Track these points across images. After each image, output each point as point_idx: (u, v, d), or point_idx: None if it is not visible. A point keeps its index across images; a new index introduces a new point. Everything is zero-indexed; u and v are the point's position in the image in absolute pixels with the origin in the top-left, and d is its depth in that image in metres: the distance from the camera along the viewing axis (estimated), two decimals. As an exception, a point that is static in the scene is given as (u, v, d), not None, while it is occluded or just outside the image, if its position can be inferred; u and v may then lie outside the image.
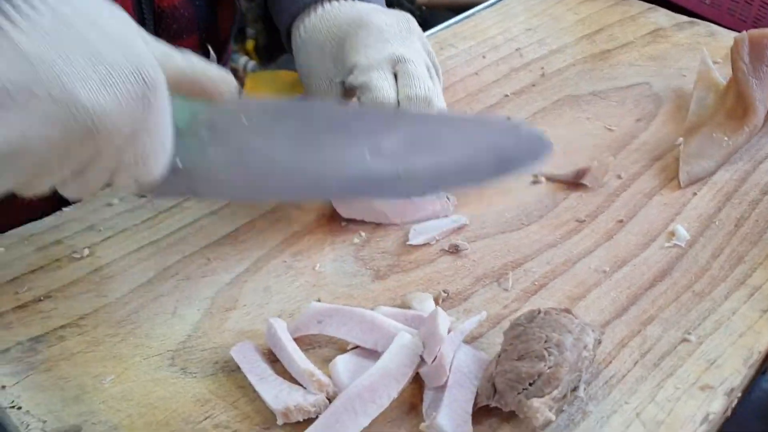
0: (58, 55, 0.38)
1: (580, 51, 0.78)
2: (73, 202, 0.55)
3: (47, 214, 0.55)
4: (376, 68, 0.56)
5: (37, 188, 0.42)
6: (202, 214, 0.56)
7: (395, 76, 0.57)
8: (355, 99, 0.58)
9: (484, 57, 0.76)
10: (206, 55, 0.68)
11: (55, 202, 0.53)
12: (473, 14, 0.84)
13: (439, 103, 0.57)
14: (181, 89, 0.45)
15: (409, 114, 0.56)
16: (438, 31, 0.81)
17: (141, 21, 0.58)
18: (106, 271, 0.51)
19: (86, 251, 0.52)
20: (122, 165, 0.42)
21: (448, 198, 0.58)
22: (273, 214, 0.56)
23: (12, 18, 0.38)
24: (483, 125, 0.59)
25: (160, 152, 0.43)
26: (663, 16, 0.84)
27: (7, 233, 0.53)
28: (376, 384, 0.42)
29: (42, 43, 0.38)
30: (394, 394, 0.42)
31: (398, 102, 0.56)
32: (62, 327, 0.47)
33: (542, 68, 0.75)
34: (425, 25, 0.80)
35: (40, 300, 0.48)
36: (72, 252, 0.52)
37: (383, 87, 0.56)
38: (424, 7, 1.45)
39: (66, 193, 0.43)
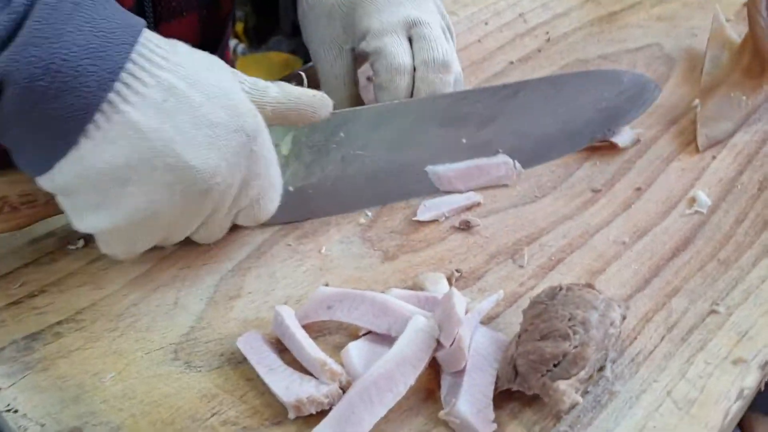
0: (170, 126, 0.41)
1: (586, 14, 0.75)
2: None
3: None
4: (390, 33, 0.55)
5: (172, 242, 0.47)
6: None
7: (410, 40, 0.55)
8: (366, 66, 0.56)
9: (486, 24, 0.73)
10: (214, 32, 0.66)
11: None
12: (473, -21, 0.81)
13: (457, 66, 0.56)
14: (282, 120, 0.48)
15: (507, 86, 0.56)
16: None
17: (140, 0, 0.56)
18: (103, 262, 0.48)
19: (81, 242, 0.50)
20: (240, 209, 0.47)
21: (515, 165, 0.55)
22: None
23: (126, 97, 0.40)
24: (584, 80, 0.58)
25: (271, 191, 0.48)
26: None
27: (-3, 226, 0.50)
28: (392, 371, 0.39)
29: (154, 116, 0.41)
30: (411, 381, 0.40)
31: (414, 67, 0.55)
32: (59, 323, 0.44)
33: (547, 33, 0.72)
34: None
35: (35, 295, 0.46)
36: (66, 244, 0.50)
37: (398, 52, 0.54)
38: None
39: (195, 238, 0.48)
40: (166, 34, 0.45)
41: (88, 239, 0.50)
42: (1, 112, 0.39)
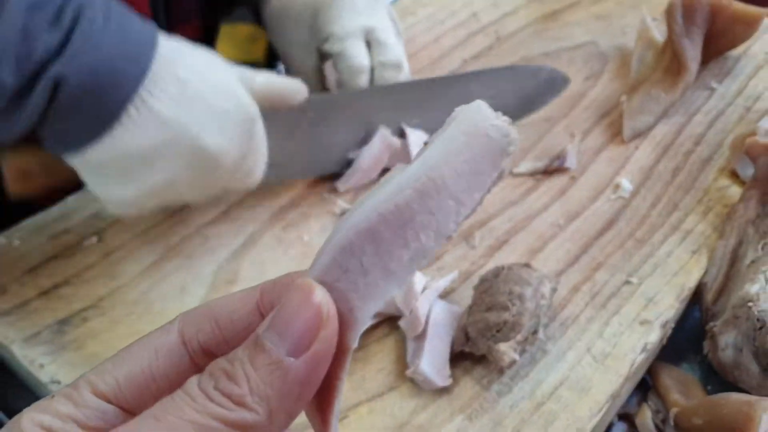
0: (186, 115, 0.49)
1: (532, 12, 0.83)
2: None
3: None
4: (350, 37, 0.63)
5: (177, 204, 0.56)
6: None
7: (368, 44, 0.64)
8: (329, 63, 0.65)
9: (443, 23, 0.81)
10: None
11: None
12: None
13: (406, 65, 0.66)
14: (264, 103, 0.55)
15: (442, 79, 0.66)
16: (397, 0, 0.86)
17: None
18: (116, 256, 0.56)
19: (95, 238, 0.57)
20: (234, 179, 0.54)
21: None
22: (260, 191, 0.62)
23: (151, 91, 0.49)
24: (508, 75, 0.67)
25: (261, 162, 0.56)
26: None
27: (19, 226, 0.58)
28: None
29: (175, 107, 0.49)
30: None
31: (372, 68, 0.64)
32: (84, 309, 0.52)
33: (497, 31, 0.80)
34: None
35: (60, 286, 0.54)
36: (81, 239, 0.57)
37: (358, 54, 0.63)
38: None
39: (189, 201, 0.55)
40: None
41: (101, 235, 0.57)
42: (55, 109, 0.47)
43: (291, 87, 0.57)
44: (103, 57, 0.47)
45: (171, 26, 0.67)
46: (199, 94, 0.50)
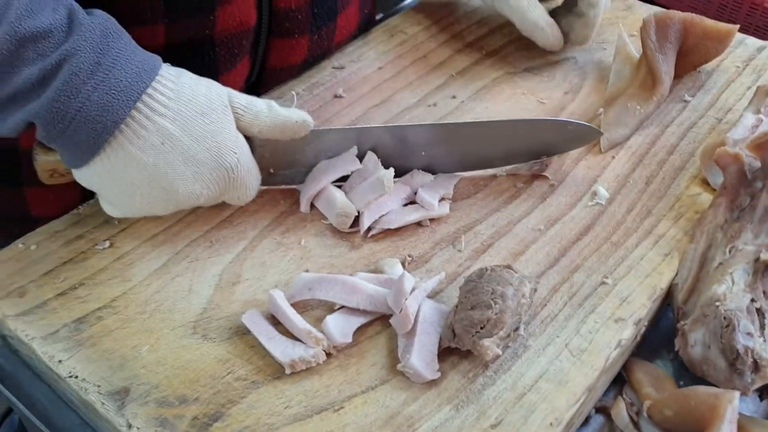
0: (164, 162, 0.55)
1: (515, 30, 0.87)
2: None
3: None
4: None
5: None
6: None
7: None
8: None
9: (431, 40, 0.86)
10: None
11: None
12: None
13: None
14: (268, 137, 0.60)
15: (475, 123, 0.67)
16: (387, 17, 0.90)
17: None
18: (127, 259, 0.60)
19: (107, 243, 0.61)
20: (221, 200, 0.60)
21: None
22: (260, 199, 0.66)
23: (130, 139, 0.54)
24: (532, 126, 0.67)
25: (247, 194, 0.61)
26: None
27: (34, 232, 0.62)
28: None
29: (152, 154, 0.54)
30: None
31: None
32: (99, 309, 0.56)
33: (482, 48, 0.85)
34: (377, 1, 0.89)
35: (76, 287, 0.58)
36: (94, 244, 0.61)
37: None
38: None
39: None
40: None
41: (113, 241, 0.61)
42: (38, 135, 0.54)
43: (296, 121, 0.60)
44: (78, 106, 0.51)
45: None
46: (179, 145, 0.55)
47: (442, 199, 0.65)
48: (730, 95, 0.78)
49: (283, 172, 0.65)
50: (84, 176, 0.57)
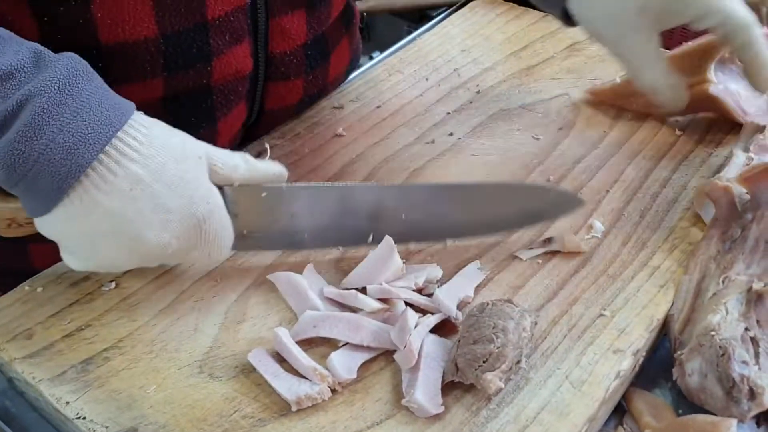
0: (132, 209, 0.52)
1: (509, 67, 0.90)
2: None
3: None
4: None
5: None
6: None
7: None
8: None
9: (426, 79, 0.88)
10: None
11: None
12: (415, 39, 0.96)
13: None
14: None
15: (456, 185, 0.67)
16: (385, 57, 0.92)
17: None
18: (133, 300, 0.61)
19: (113, 284, 0.62)
20: (192, 261, 0.60)
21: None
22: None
23: (97, 185, 0.51)
24: (516, 191, 0.67)
25: (220, 252, 0.58)
26: (578, 30, 0.96)
27: (40, 274, 0.63)
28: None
29: (120, 201, 0.51)
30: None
31: None
32: (105, 350, 0.57)
33: (477, 86, 0.87)
34: (368, 31, 0.91)
35: (82, 329, 0.58)
36: (100, 285, 0.62)
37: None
38: (365, 14, 1.55)
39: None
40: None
41: (118, 281, 0.62)
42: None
43: (273, 174, 0.60)
44: (41, 149, 0.48)
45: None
46: (149, 192, 0.52)
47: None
48: (720, 128, 0.80)
49: (257, 235, 0.61)
50: (46, 225, 0.53)
